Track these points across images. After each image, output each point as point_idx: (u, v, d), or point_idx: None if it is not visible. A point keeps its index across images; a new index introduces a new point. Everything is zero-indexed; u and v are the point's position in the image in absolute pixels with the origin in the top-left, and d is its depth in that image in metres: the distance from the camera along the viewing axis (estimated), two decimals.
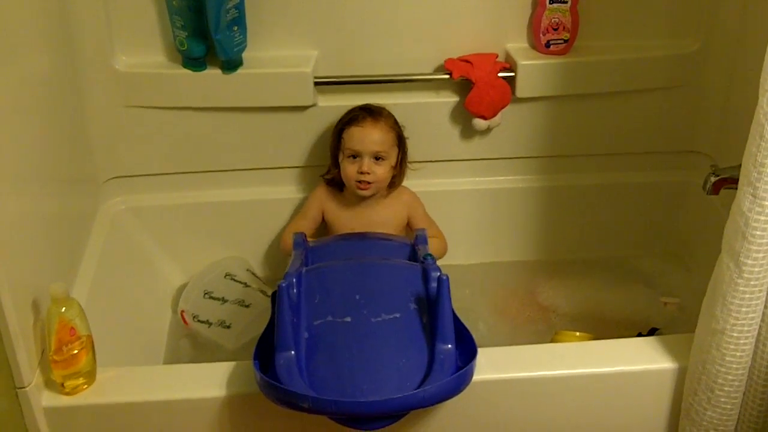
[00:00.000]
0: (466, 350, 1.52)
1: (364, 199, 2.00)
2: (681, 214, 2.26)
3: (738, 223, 1.36)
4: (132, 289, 2.02)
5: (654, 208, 2.26)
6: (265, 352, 1.52)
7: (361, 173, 1.92)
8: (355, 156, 1.93)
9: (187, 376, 1.60)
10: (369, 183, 1.94)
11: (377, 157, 1.93)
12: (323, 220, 2.06)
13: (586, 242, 2.28)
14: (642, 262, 2.26)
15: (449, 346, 1.49)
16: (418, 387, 1.43)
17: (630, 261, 2.27)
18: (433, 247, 1.90)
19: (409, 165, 2.05)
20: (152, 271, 2.13)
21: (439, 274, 1.56)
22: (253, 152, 2.10)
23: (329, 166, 2.04)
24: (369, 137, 1.92)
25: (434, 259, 1.67)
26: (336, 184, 2.05)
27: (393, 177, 2.00)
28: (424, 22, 2.00)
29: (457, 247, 2.18)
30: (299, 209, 2.13)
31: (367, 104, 1.98)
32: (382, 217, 2.01)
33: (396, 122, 1.98)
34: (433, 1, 1.98)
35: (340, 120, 1.98)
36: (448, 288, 1.53)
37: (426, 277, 1.60)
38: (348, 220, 2.02)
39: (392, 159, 1.96)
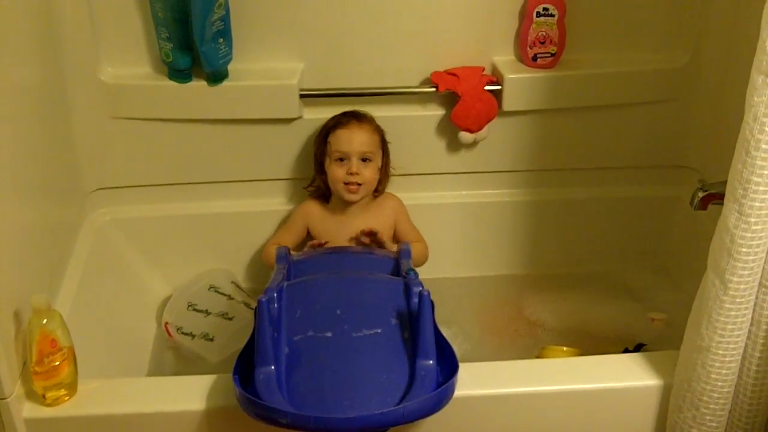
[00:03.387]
0: (448, 366, 1.51)
1: (350, 208, 2.00)
2: (669, 229, 2.25)
3: (724, 240, 1.35)
4: (116, 300, 2.01)
5: (642, 222, 2.26)
6: (245, 367, 1.52)
7: (350, 174, 1.93)
8: (343, 159, 1.94)
9: (169, 389, 1.59)
10: (358, 185, 1.94)
11: (364, 159, 1.94)
12: (308, 234, 2.06)
13: (574, 257, 2.28)
14: (630, 278, 2.26)
15: (430, 362, 1.48)
16: (399, 403, 1.42)
17: (618, 276, 2.26)
18: (415, 250, 1.90)
19: (392, 169, 2.06)
20: (137, 282, 2.12)
21: (420, 289, 1.56)
22: (238, 164, 2.10)
23: (313, 176, 2.04)
24: (356, 138, 1.93)
25: (417, 274, 1.66)
26: (321, 195, 2.05)
27: (378, 182, 2.01)
28: (411, 35, 2.01)
29: (443, 260, 2.18)
30: (284, 221, 2.12)
31: (349, 110, 2.00)
32: (369, 225, 1.99)
33: (379, 126, 2.01)
34: (420, 14, 1.98)
35: (324, 126, 2.00)
36: (430, 303, 1.53)
37: (408, 292, 1.59)
38: (335, 231, 2.01)
39: (378, 161, 1.98)
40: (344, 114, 1.99)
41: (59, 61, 1.87)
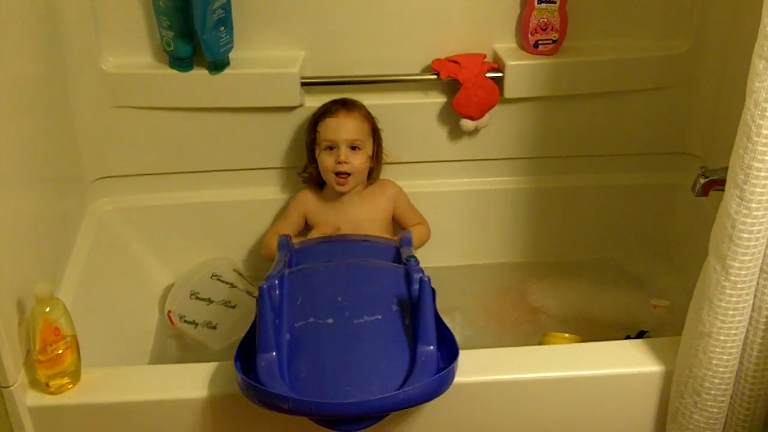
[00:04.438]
0: (449, 352, 1.51)
1: (344, 195, 2.00)
2: (671, 215, 2.25)
3: (725, 226, 1.35)
4: (119, 289, 2.02)
5: (644, 209, 2.25)
6: (247, 353, 1.52)
7: (339, 163, 1.93)
8: (332, 147, 1.94)
9: (172, 377, 1.60)
10: (347, 175, 1.94)
11: (353, 147, 1.94)
12: (306, 223, 2.07)
13: (576, 244, 2.28)
14: (632, 264, 2.25)
15: (431, 347, 1.49)
16: (399, 388, 1.43)
17: (620, 263, 2.26)
18: (416, 233, 1.92)
19: (385, 156, 2.06)
20: (139, 271, 2.13)
21: (421, 275, 1.56)
22: (240, 153, 2.10)
23: (305, 163, 2.05)
24: (344, 126, 1.93)
25: (417, 261, 1.67)
26: (315, 182, 2.05)
27: (370, 169, 2.01)
28: (412, 23, 2.00)
29: (446, 248, 2.19)
30: (283, 211, 2.13)
31: (339, 98, 2.00)
32: (365, 213, 2.02)
33: (369, 114, 2.00)
34: (421, 1, 1.98)
35: (314, 114, 2.00)
36: (430, 289, 1.54)
37: (408, 279, 1.60)
38: (332, 218, 2.01)
39: (368, 149, 1.98)
40: (333, 102, 1.98)
41: (60, 51, 1.87)
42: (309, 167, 2.03)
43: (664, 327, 2.01)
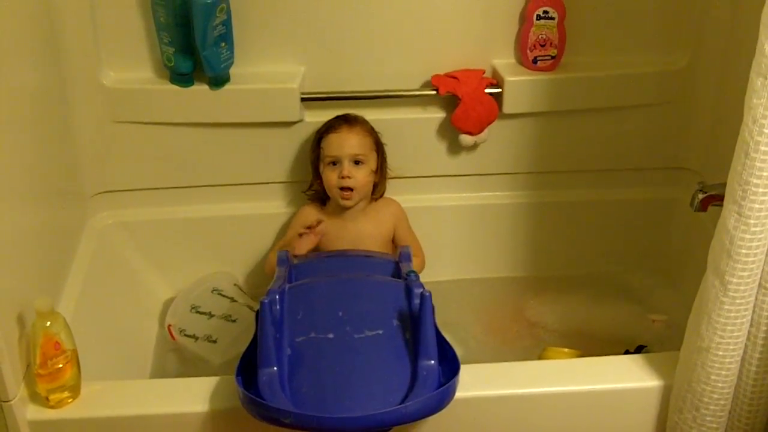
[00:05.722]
0: (450, 367, 1.51)
1: (347, 211, 2.01)
2: (670, 230, 2.25)
3: (723, 242, 1.36)
4: (119, 303, 2.02)
5: (642, 224, 2.26)
6: (248, 368, 1.52)
7: (342, 178, 1.93)
8: (335, 162, 1.95)
9: (172, 391, 1.60)
10: (351, 190, 1.95)
11: (356, 162, 1.95)
12: None
13: (575, 258, 2.28)
14: (631, 279, 2.26)
15: (432, 362, 1.49)
16: (401, 403, 1.43)
17: (619, 278, 2.26)
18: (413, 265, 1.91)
19: (389, 170, 2.06)
20: (139, 285, 2.13)
21: (422, 290, 1.57)
22: (240, 167, 2.10)
23: (311, 180, 2.05)
24: (347, 141, 1.94)
25: (417, 276, 1.67)
26: (319, 198, 2.06)
27: (375, 185, 2.02)
28: (411, 38, 2.01)
29: (445, 263, 2.19)
30: (286, 225, 2.13)
31: (342, 114, 2.01)
32: (368, 229, 2.02)
33: (372, 128, 2.01)
34: (420, 17, 1.99)
35: (317, 131, 2.01)
36: (431, 304, 1.53)
37: (409, 294, 1.60)
38: (334, 234, 2.01)
39: (372, 163, 1.98)
40: (336, 118, 1.99)
41: (61, 66, 1.87)
42: (314, 184, 2.04)
43: (663, 342, 2.01)
